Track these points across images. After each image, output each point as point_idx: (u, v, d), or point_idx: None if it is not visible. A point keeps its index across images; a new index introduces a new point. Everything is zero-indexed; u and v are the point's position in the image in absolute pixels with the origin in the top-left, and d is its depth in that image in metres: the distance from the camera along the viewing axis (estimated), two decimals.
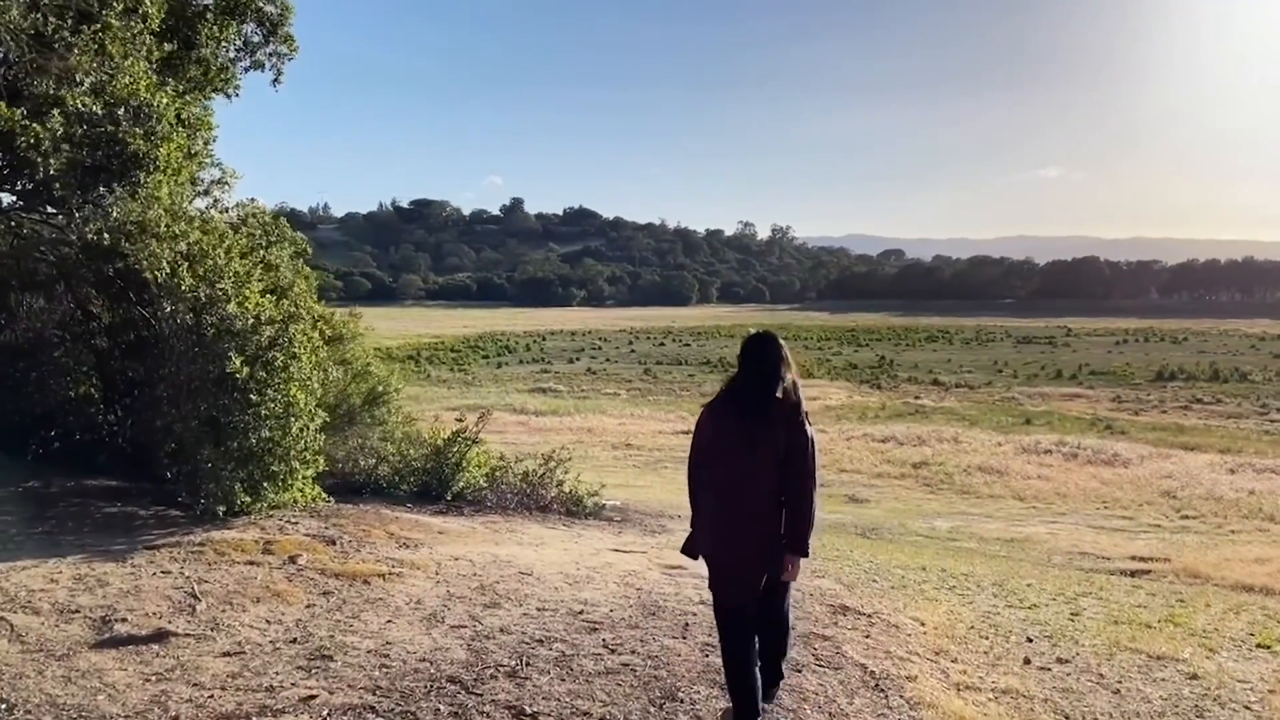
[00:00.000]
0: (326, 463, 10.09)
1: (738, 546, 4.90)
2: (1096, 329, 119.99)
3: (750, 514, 4.83)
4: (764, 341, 5.06)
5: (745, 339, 5.17)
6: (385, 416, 10.29)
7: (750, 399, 4.89)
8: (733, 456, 4.86)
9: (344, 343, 10.15)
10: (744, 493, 4.83)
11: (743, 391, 4.96)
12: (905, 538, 15.93)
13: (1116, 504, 22.98)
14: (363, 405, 10.06)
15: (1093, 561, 14.41)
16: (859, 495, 23.79)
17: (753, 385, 4.93)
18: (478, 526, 9.35)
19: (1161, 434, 40.82)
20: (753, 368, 4.98)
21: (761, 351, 5.01)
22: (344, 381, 10.07)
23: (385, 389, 10.23)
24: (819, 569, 9.53)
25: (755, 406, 4.86)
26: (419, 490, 10.89)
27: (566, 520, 11.16)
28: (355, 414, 9.95)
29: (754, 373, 4.96)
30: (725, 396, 5.04)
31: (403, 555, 7.41)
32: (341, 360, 10.09)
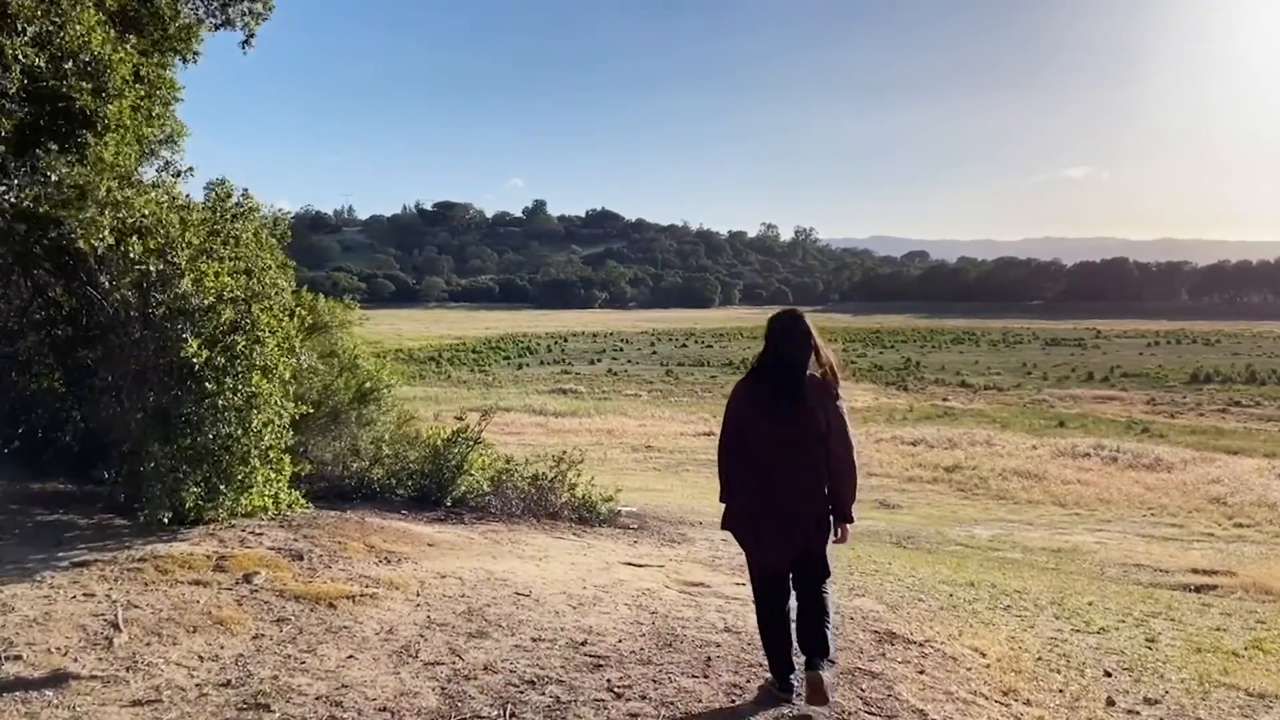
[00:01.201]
0: (313, 465, 9.15)
1: (776, 519, 4.92)
2: (1126, 331, 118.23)
3: (789, 489, 4.90)
4: (789, 319, 5.10)
5: (771, 317, 5.21)
6: (375, 415, 9.28)
7: (781, 376, 4.95)
8: (768, 432, 4.93)
9: (330, 332, 9.17)
10: (780, 467, 4.91)
11: (772, 369, 5.00)
12: (944, 547, 14.85)
13: (1164, 511, 21.79)
14: (351, 402, 9.07)
15: (1150, 574, 13.29)
16: (890, 500, 22.69)
17: (781, 363, 4.98)
18: (476, 537, 8.35)
19: (1201, 437, 39.58)
20: (779, 345, 5.02)
21: (787, 329, 5.05)
22: (330, 375, 9.09)
23: (376, 385, 9.23)
24: (857, 585, 8.50)
25: (787, 384, 4.92)
26: (416, 495, 9.92)
27: (577, 529, 10.15)
28: (342, 412, 8.96)
29: (781, 350, 5.00)
30: (755, 375, 5.10)
31: (381, 572, 6.41)
32: (329, 352, 9.11)
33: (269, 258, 7.24)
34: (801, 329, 5.04)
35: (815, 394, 4.93)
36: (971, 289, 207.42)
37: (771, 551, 5.04)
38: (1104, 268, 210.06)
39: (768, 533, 5.01)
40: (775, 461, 4.96)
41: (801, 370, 4.95)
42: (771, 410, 4.97)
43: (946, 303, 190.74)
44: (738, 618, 6.50)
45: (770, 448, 4.96)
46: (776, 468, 4.96)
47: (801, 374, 4.95)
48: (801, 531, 4.96)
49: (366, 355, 9.61)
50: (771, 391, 4.99)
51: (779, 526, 4.97)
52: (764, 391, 5.02)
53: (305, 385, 8.38)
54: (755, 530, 5.07)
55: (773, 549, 5.03)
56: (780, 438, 4.94)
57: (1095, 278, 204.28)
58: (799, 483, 4.93)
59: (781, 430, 4.94)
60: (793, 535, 4.97)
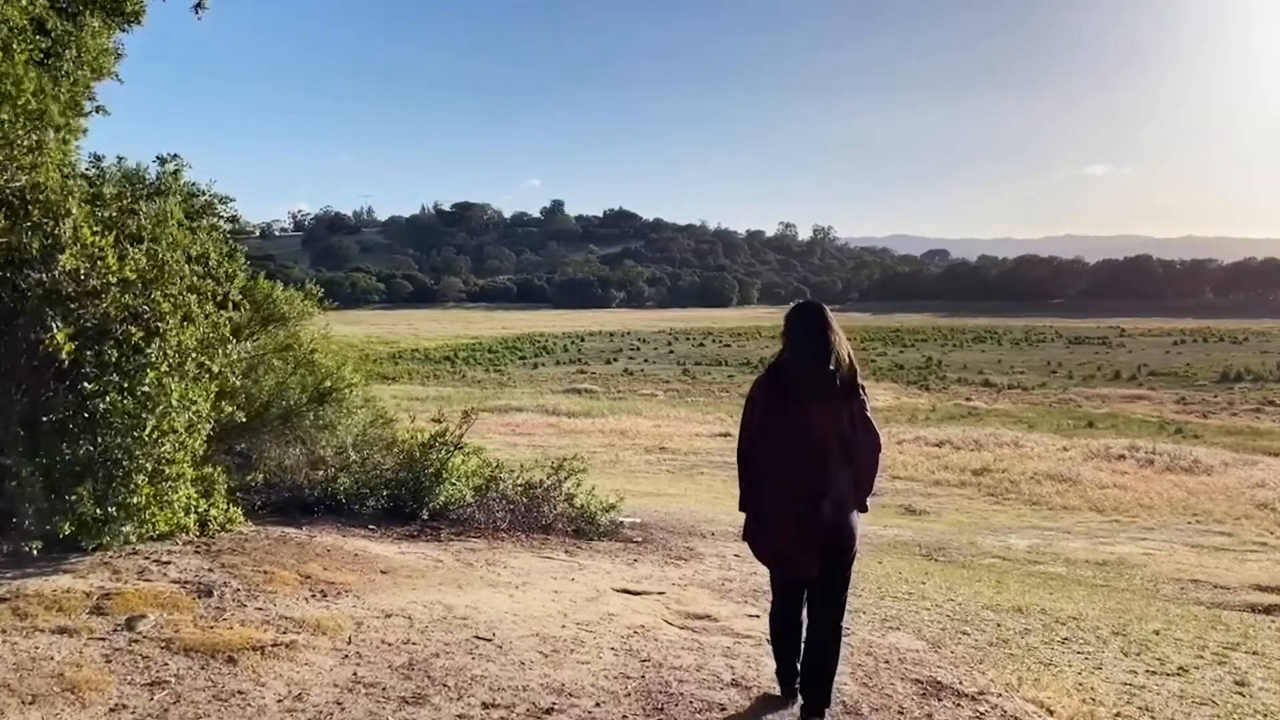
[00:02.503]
0: (266, 475, 8.00)
1: (798, 526, 4.66)
2: (1151, 329, 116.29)
3: (811, 492, 4.62)
4: (806, 310, 4.87)
5: (789, 310, 4.95)
6: (335, 417, 8.09)
7: (803, 373, 4.70)
8: (788, 432, 4.69)
9: (287, 325, 8.01)
10: (802, 470, 4.65)
11: (793, 366, 4.76)
12: (979, 560, 13.60)
13: (1209, 517, 20.43)
14: (308, 403, 7.90)
15: (1210, 592, 12.02)
16: (917, 506, 21.42)
17: (800, 358, 4.74)
18: (446, 558, 7.17)
19: (1238, 438, 38.18)
20: (796, 339, 4.79)
21: (804, 321, 4.81)
22: (284, 373, 7.92)
23: (336, 383, 8.05)
24: (890, 615, 7.29)
25: (807, 379, 4.68)
26: (390, 507, 8.77)
27: (571, 545, 8.97)
28: (294, 414, 7.79)
29: (799, 344, 4.77)
30: (774, 372, 4.85)
31: (309, 612, 5.22)
32: (283, 347, 7.94)
33: (176, 231, 6.06)
34: (820, 321, 4.78)
35: (837, 388, 4.66)
36: (992, 287, 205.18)
37: (793, 562, 4.75)
38: (1127, 265, 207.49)
39: (790, 542, 4.70)
40: (796, 464, 4.67)
41: (822, 364, 4.65)
42: (791, 408, 4.69)
43: (967, 301, 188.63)
44: (749, 664, 5.32)
45: (790, 449, 4.68)
46: (797, 470, 4.67)
47: (822, 368, 4.65)
48: (824, 538, 4.66)
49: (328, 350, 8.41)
50: (791, 388, 4.72)
51: (801, 535, 4.66)
52: (782, 389, 4.75)
53: (253, 384, 7.25)
54: (776, 542, 4.78)
55: (795, 560, 4.74)
56: (801, 437, 4.66)
57: (1118, 275, 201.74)
58: (822, 486, 4.64)
59: (802, 429, 4.65)
60: (815, 543, 4.66)
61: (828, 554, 4.72)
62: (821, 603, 4.82)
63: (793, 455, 4.70)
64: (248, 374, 7.43)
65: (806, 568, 4.74)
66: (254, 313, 7.49)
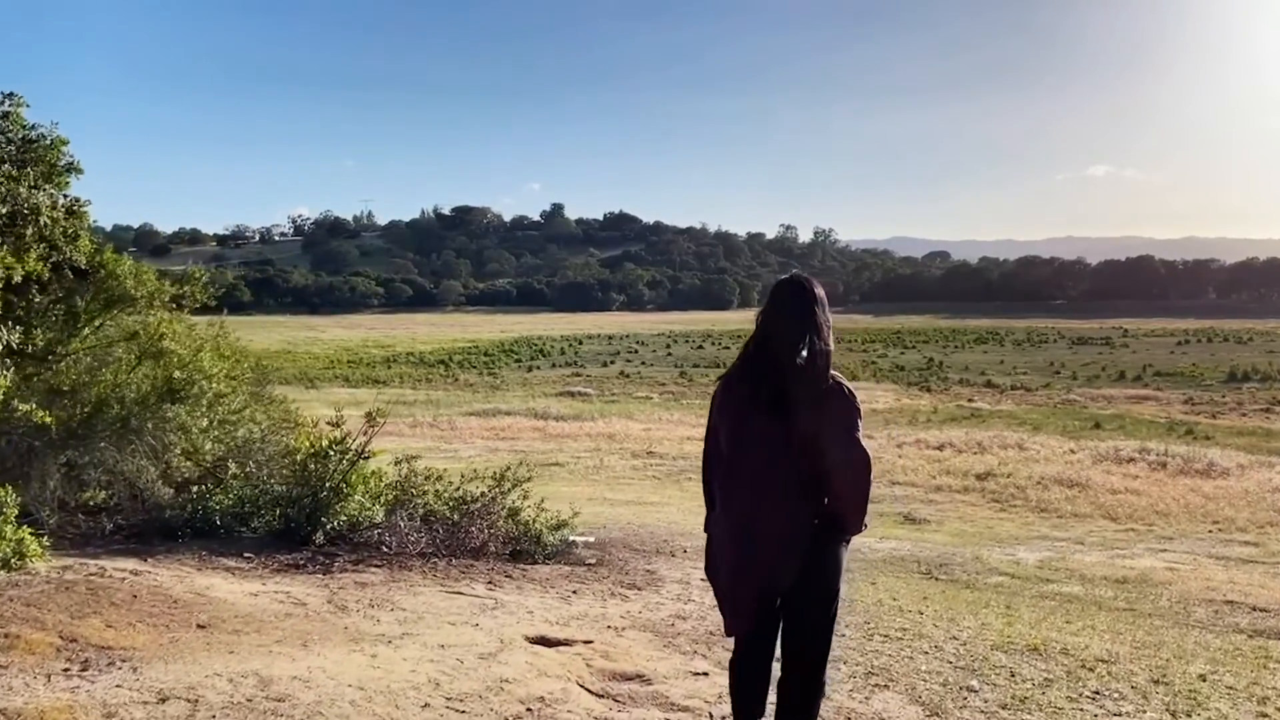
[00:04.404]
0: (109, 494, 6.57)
1: (747, 560, 3.61)
2: (1154, 329, 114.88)
3: (766, 516, 3.57)
4: (791, 288, 3.83)
5: (773, 285, 3.96)
6: (189, 419, 6.65)
7: (771, 363, 3.66)
8: (746, 439, 3.66)
9: (135, 307, 6.60)
10: (759, 487, 3.59)
11: (761, 356, 3.73)
12: (985, 578, 12.15)
13: (1232, 525, 18.95)
14: (155, 402, 6.47)
15: (1248, 616, 10.57)
16: (917, 514, 19.93)
17: (768, 346, 3.71)
18: (314, 600, 5.73)
19: (1250, 439, 36.75)
20: (768, 322, 3.77)
21: (788, 301, 3.76)
22: (128, 365, 6.50)
23: (191, 376, 6.60)
24: (877, 666, 5.86)
25: (772, 373, 3.62)
26: (280, 530, 7.33)
27: (502, 572, 7.54)
28: (134, 415, 6.36)
29: (770, 328, 3.74)
30: (741, 364, 3.84)
31: (38, 699, 3.73)
32: (129, 335, 6.53)
33: None
34: (803, 300, 3.75)
35: (802, 390, 3.59)
36: (994, 289, 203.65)
37: (737, 611, 3.74)
38: (1129, 266, 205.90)
39: (732, 585, 3.72)
40: (735, 490, 3.69)
41: (793, 354, 3.61)
42: (752, 409, 3.68)
43: (969, 303, 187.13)
44: None
45: (747, 459, 3.67)
46: (736, 499, 3.69)
47: (792, 359, 3.61)
48: (757, 588, 3.65)
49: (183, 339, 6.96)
50: (757, 381, 3.70)
51: (733, 581, 3.72)
52: (750, 381, 3.75)
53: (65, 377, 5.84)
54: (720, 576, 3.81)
55: (737, 605, 3.73)
56: (761, 446, 3.64)
57: (1120, 276, 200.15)
58: (781, 509, 3.59)
59: (763, 436, 3.63)
60: (748, 592, 3.66)
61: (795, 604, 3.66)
62: (791, 653, 3.72)
63: (734, 478, 3.73)
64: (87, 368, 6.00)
65: (735, 623, 3.78)
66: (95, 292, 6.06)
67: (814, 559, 3.55)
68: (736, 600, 3.67)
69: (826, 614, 3.64)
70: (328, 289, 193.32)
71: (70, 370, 6.09)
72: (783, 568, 3.53)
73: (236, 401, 7.18)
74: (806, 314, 3.69)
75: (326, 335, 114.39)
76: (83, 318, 6.12)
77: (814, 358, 3.58)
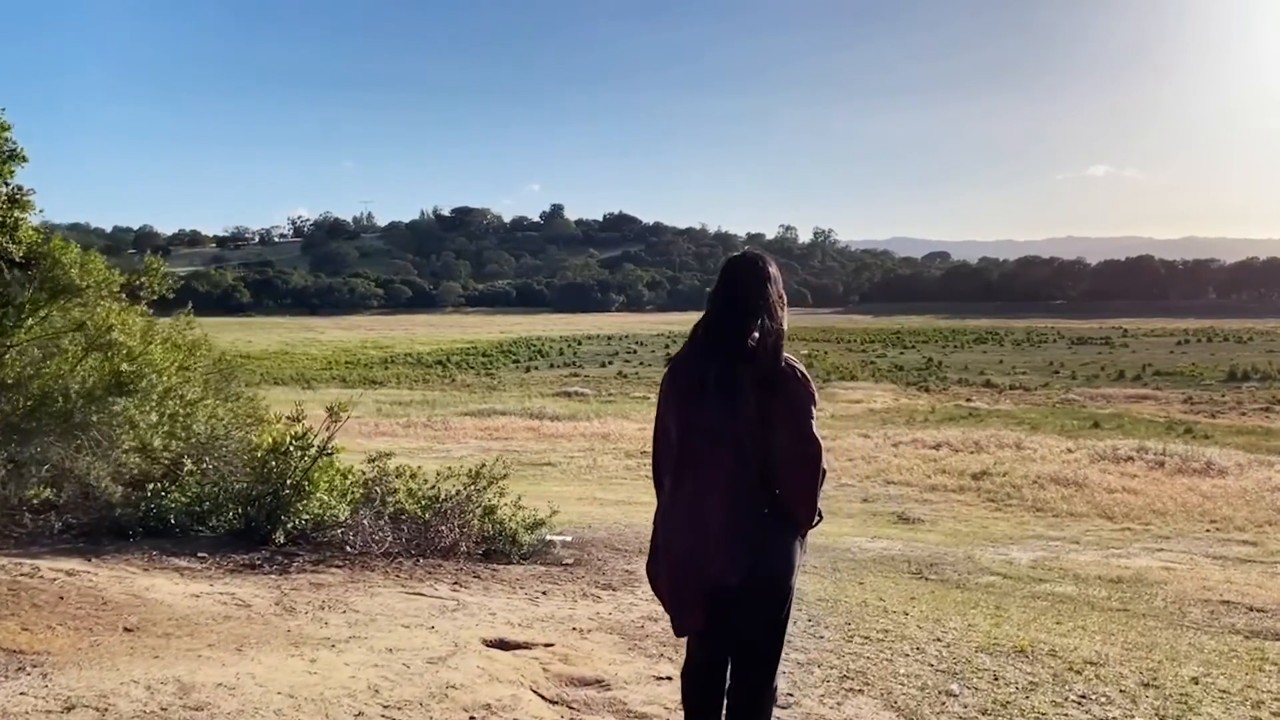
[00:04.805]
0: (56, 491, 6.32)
1: (689, 557, 3.34)
2: (1154, 329, 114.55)
3: (724, 499, 3.29)
4: (742, 265, 3.54)
5: (723, 263, 3.64)
6: (137, 414, 6.37)
7: (717, 345, 3.37)
8: (690, 429, 3.37)
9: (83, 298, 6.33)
10: (703, 480, 3.32)
11: (708, 338, 3.42)
12: (976, 578, 11.90)
13: (1230, 524, 18.70)
14: (101, 396, 6.20)
15: (1245, 617, 10.31)
16: (911, 514, 19.69)
17: (721, 326, 3.39)
18: (262, 601, 5.48)
19: (1250, 438, 36.50)
20: (725, 302, 3.45)
21: (739, 279, 3.48)
22: (74, 357, 6.24)
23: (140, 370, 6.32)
24: (854, 670, 5.61)
25: (725, 354, 3.32)
26: (240, 529, 7.08)
27: (471, 572, 7.29)
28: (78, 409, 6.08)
29: (718, 311, 3.43)
30: (689, 347, 3.52)
31: None
32: (76, 326, 6.27)
33: None
34: (754, 278, 3.47)
35: (761, 366, 3.30)
36: (994, 289, 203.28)
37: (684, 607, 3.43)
38: (1129, 266, 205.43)
39: (679, 578, 3.40)
40: (700, 468, 3.36)
41: (748, 333, 3.32)
42: (700, 395, 3.37)
43: (968, 303, 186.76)
44: None
45: (695, 448, 3.37)
46: (701, 477, 3.35)
47: (743, 340, 3.31)
48: (703, 589, 3.34)
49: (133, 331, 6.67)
50: (702, 364, 3.40)
51: (675, 581, 3.43)
52: (694, 366, 3.44)
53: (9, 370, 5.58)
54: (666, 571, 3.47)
55: (684, 601, 3.42)
56: (710, 434, 3.33)
57: (1120, 276, 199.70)
58: (730, 500, 3.30)
59: (712, 422, 3.33)
60: (692, 593, 3.37)
61: (745, 599, 3.35)
62: (741, 655, 3.46)
63: (683, 467, 3.43)
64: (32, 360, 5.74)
65: (683, 621, 3.47)
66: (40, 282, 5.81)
67: (765, 553, 3.30)
68: (683, 596, 3.41)
69: (778, 613, 3.38)
70: (327, 290, 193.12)
71: (15, 363, 5.85)
72: (732, 562, 3.28)
73: (192, 395, 6.92)
74: (758, 292, 3.43)
75: (325, 336, 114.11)
76: (27, 309, 5.87)
77: (765, 338, 3.32)
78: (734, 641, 3.42)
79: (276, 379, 63.89)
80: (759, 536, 3.28)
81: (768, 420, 3.26)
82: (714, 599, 3.36)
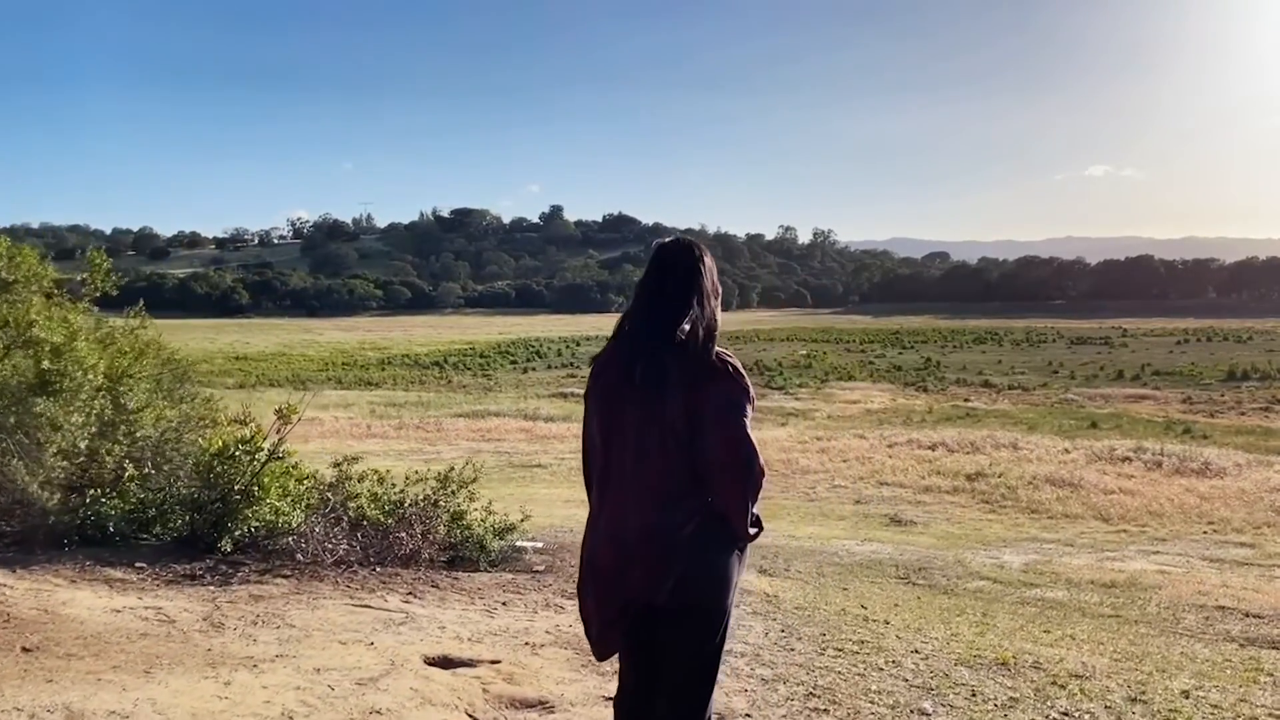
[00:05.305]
0: None
1: (608, 571, 3.00)
2: (1154, 329, 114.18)
3: (649, 509, 2.94)
4: (673, 251, 3.20)
5: (653, 249, 3.31)
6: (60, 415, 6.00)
7: (643, 338, 3.03)
8: (624, 427, 3.01)
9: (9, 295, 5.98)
10: (642, 478, 2.96)
11: (634, 330, 3.09)
12: (964, 582, 11.58)
13: (1227, 526, 18.39)
14: (26, 394, 5.86)
15: (1240, 623, 9.98)
16: (903, 516, 19.38)
17: (648, 317, 3.07)
18: (190, 615, 5.16)
19: (1248, 438, 36.16)
20: (652, 292, 3.14)
21: (669, 266, 3.16)
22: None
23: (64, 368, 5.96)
24: (822, 686, 5.29)
25: (651, 347, 2.98)
26: (185, 537, 6.77)
27: (429, 581, 6.96)
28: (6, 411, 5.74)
29: (654, 299, 3.10)
30: (615, 342, 3.19)
31: None
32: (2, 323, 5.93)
33: None
34: (686, 265, 3.16)
35: (691, 361, 2.97)
36: (994, 289, 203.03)
37: (602, 628, 3.08)
38: (1129, 266, 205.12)
39: (602, 597, 3.05)
40: (623, 474, 3.01)
41: (674, 326, 2.98)
42: (625, 394, 3.02)
43: (968, 303, 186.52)
44: None
45: (618, 452, 3.03)
46: (624, 484, 3.01)
47: (673, 332, 2.98)
48: (652, 589, 2.95)
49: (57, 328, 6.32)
50: (626, 364, 3.04)
51: (598, 600, 3.07)
52: (617, 362, 3.10)
53: None
54: (590, 590, 3.11)
55: (602, 624, 3.07)
56: (635, 436, 2.99)
57: (1120, 276, 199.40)
58: (656, 509, 2.95)
59: (637, 424, 2.99)
60: (610, 612, 3.03)
61: (671, 622, 2.99)
62: (669, 683, 3.07)
63: (607, 474, 3.09)
64: None
65: (600, 643, 3.14)
66: None
67: (694, 571, 2.97)
68: (601, 617, 3.08)
69: (709, 638, 3.03)
70: (326, 292, 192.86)
71: None
72: (653, 580, 2.94)
73: (135, 397, 6.59)
74: (690, 281, 3.10)
75: (323, 338, 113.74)
76: None
77: (695, 329, 3.00)
78: (660, 668, 3.09)
79: (272, 380, 63.64)
80: (688, 551, 2.95)
81: (697, 420, 2.94)
82: (638, 620, 3.04)
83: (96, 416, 6.20)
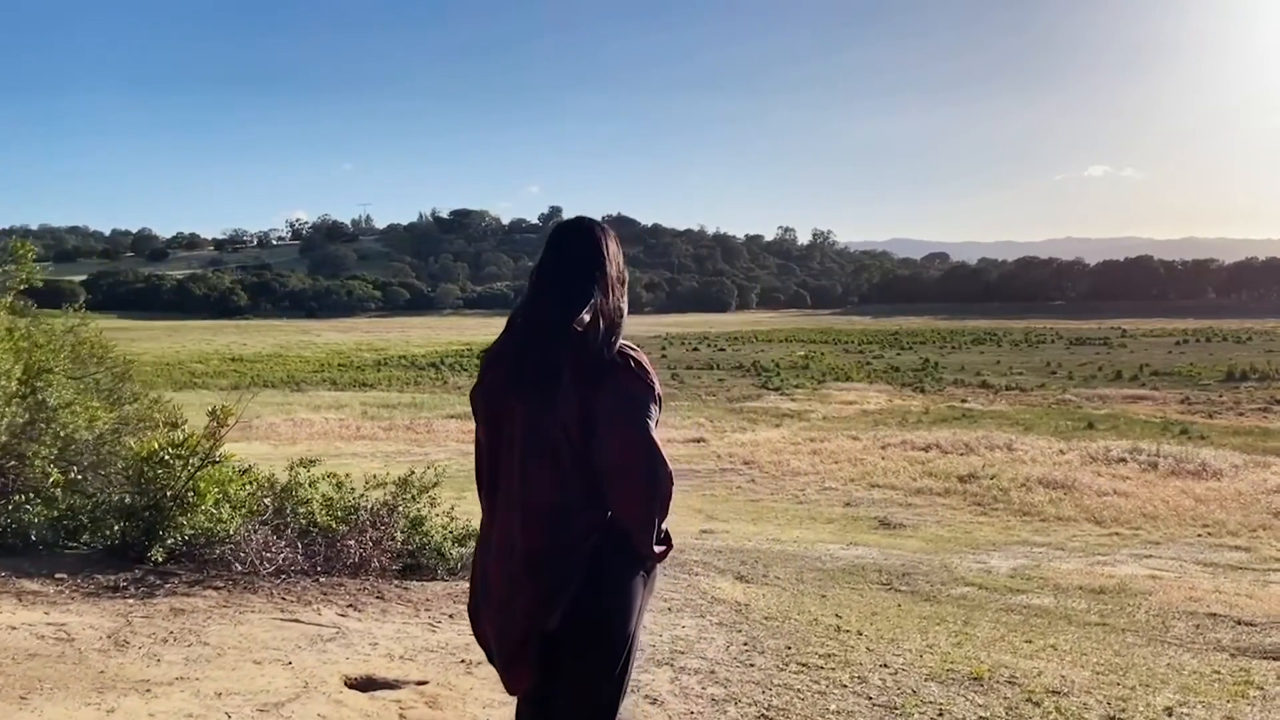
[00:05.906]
0: None
1: (520, 583, 2.62)
2: (1153, 329, 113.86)
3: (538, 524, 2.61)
4: (572, 233, 2.82)
5: (551, 230, 2.91)
6: None
7: (537, 328, 2.67)
8: (513, 430, 2.65)
9: None
10: (532, 488, 2.61)
11: (527, 320, 2.73)
12: (948, 589, 11.24)
13: (1222, 529, 18.02)
14: None
15: (1232, 631, 9.64)
16: (893, 519, 19.02)
17: (543, 304, 2.71)
18: (91, 629, 4.82)
19: (1246, 439, 35.78)
20: (549, 278, 2.75)
21: (567, 249, 2.78)
22: None
23: None
24: (777, 706, 4.94)
25: (544, 340, 2.63)
26: (116, 545, 6.43)
27: (374, 592, 6.62)
28: None
29: (551, 285, 2.73)
30: (505, 335, 2.79)
31: None
32: None
33: None
34: (586, 248, 2.77)
35: (589, 355, 2.61)
36: (993, 289, 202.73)
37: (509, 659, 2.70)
38: (1128, 266, 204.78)
39: (501, 623, 2.68)
40: (510, 485, 2.65)
41: (570, 318, 2.63)
42: (514, 393, 2.65)
43: (967, 304, 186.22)
44: None
45: (506, 458, 2.67)
46: (511, 496, 2.65)
47: (568, 324, 2.62)
48: (543, 613, 2.61)
49: None
50: (517, 359, 2.67)
51: (498, 628, 2.69)
52: (507, 361, 2.71)
53: None
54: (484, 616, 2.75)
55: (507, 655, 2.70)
56: (524, 440, 2.63)
57: (1120, 277, 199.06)
58: (546, 523, 2.61)
59: (526, 426, 2.63)
60: (516, 642, 2.66)
61: (564, 649, 2.67)
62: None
63: (495, 484, 2.75)
64: None
65: (509, 676, 2.74)
66: None
67: (591, 592, 2.63)
68: (502, 647, 2.72)
69: (608, 667, 2.67)
70: (325, 293, 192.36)
71: None
72: (541, 601, 2.60)
73: (53, 394, 6.27)
74: (589, 266, 2.75)
75: (321, 339, 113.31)
76: None
77: (596, 319, 2.66)
78: (554, 701, 2.74)
79: (267, 381, 63.23)
80: (583, 569, 2.61)
81: (593, 421, 2.60)
82: (538, 650, 2.69)
83: (8, 424, 5.85)
